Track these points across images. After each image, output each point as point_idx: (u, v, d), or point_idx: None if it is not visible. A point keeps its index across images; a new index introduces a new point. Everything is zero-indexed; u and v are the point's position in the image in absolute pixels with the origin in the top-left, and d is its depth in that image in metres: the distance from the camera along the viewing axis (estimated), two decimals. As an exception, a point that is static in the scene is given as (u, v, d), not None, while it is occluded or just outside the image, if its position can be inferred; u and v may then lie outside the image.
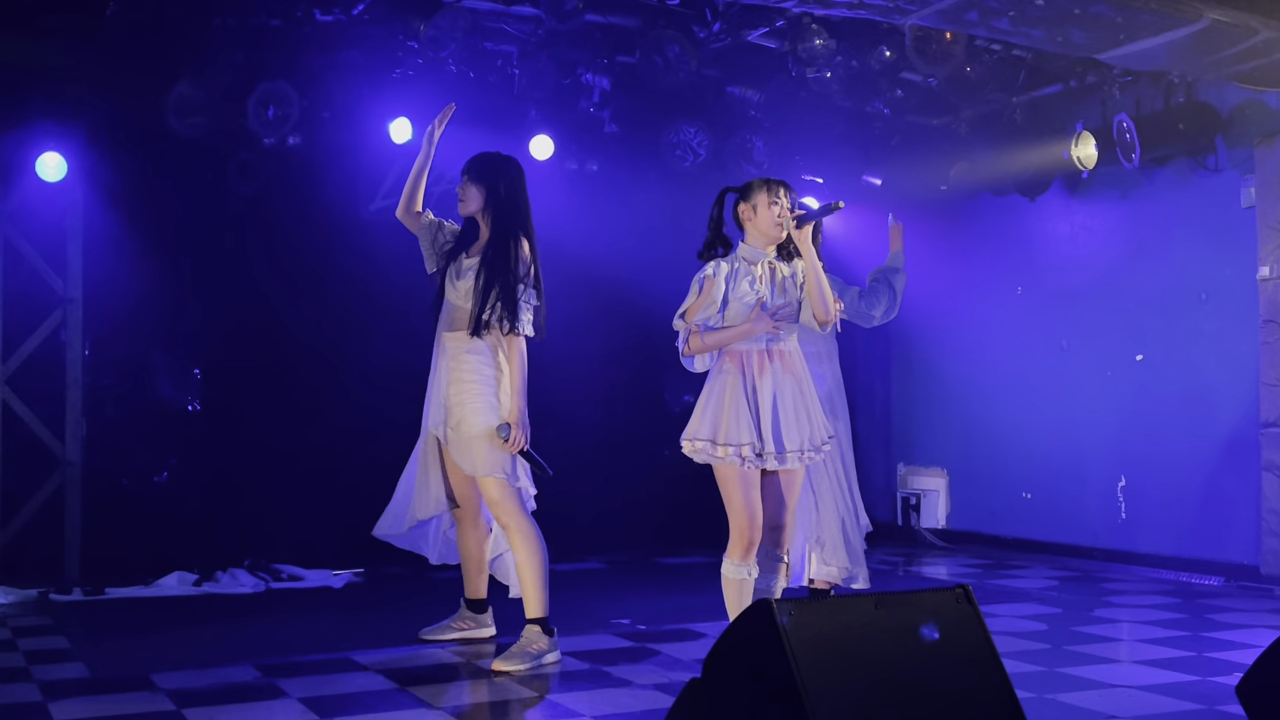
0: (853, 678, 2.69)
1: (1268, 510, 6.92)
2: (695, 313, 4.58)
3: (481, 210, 5.17)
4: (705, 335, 4.57)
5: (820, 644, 2.68)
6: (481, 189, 5.15)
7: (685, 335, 4.63)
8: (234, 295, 7.48)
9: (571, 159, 7.90)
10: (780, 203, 4.60)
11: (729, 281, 4.57)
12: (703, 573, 6.91)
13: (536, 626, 5.02)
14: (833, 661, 2.66)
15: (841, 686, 2.66)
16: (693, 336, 4.60)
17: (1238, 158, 7.27)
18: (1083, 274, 8.22)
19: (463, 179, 5.21)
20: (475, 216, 5.21)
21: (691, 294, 4.61)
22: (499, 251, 5.04)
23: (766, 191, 4.61)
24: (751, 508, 4.55)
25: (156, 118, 6.59)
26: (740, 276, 4.59)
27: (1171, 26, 5.81)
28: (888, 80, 7.54)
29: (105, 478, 7.21)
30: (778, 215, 4.59)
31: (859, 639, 2.77)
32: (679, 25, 6.92)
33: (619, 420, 8.49)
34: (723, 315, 4.59)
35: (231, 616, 6.24)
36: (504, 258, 5.02)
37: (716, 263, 4.61)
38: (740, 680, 2.77)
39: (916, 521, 9.29)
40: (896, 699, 2.75)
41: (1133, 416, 7.86)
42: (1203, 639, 5.54)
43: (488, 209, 5.15)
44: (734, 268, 4.60)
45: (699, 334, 4.58)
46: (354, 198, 7.67)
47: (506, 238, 5.05)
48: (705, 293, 4.57)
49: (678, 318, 4.63)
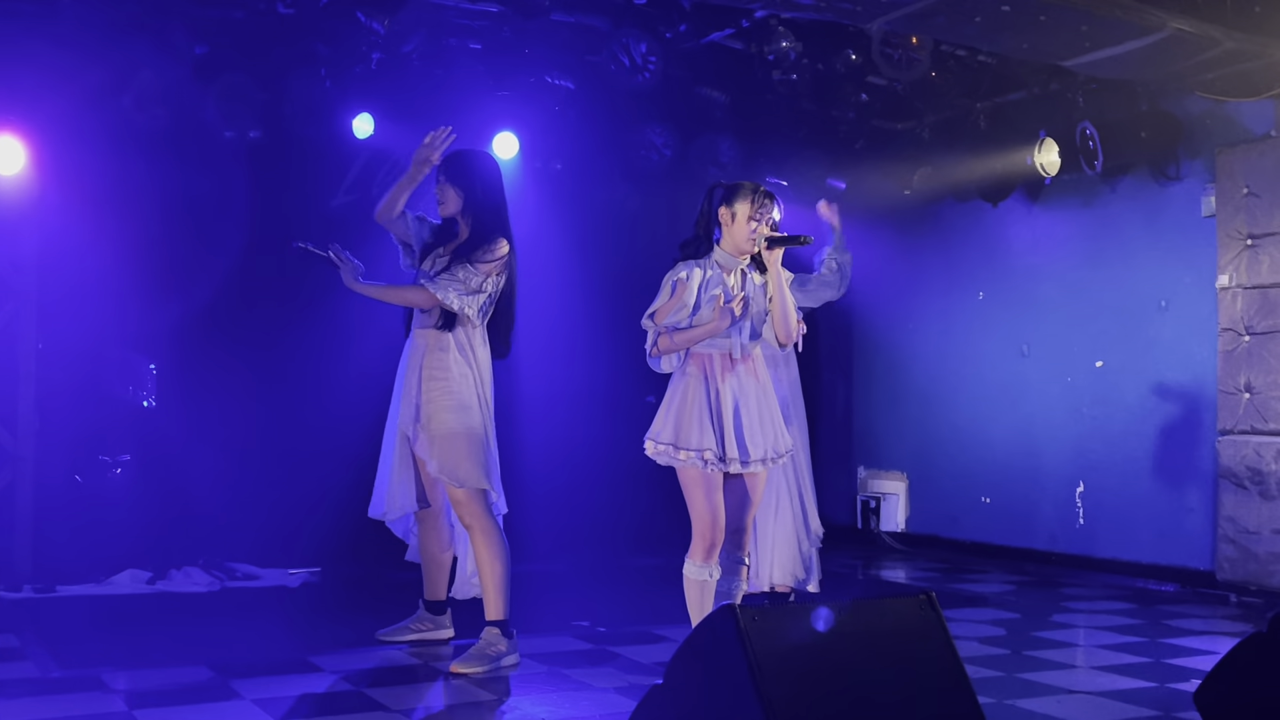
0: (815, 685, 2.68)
1: (1224, 517, 6.98)
2: (665, 314, 4.55)
3: (461, 212, 5.13)
4: (674, 335, 4.55)
5: (782, 651, 2.67)
6: (460, 191, 5.11)
7: (654, 336, 4.61)
8: (192, 290, 7.37)
9: (536, 157, 7.86)
10: (760, 221, 4.57)
11: (702, 288, 4.55)
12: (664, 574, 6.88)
13: (496, 629, 4.98)
14: (795, 669, 2.65)
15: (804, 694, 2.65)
16: (661, 337, 4.57)
17: (1199, 167, 7.32)
18: (1044, 280, 8.26)
19: (439, 179, 5.16)
20: (455, 217, 5.18)
21: (663, 295, 4.57)
22: (473, 248, 5.02)
23: (751, 204, 4.57)
24: (714, 510, 4.54)
25: (116, 109, 6.49)
26: (713, 284, 4.56)
27: (1135, 35, 5.85)
28: (853, 84, 7.55)
29: (57, 473, 7.09)
30: (753, 231, 4.57)
31: (822, 646, 2.76)
32: (646, 25, 6.90)
33: (582, 420, 8.44)
34: (693, 320, 4.56)
35: (185, 615, 6.15)
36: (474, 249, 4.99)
37: (690, 266, 4.57)
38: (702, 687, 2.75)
39: (876, 525, 9.31)
40: (859, 706, 2.74)
41: (1092, 423, 7.90)
42: (1160, 645, 5.58)
43: (467, 211, 5.12)
44: (707, 274, 4.58)
45: (667, 334, 4.56)
46: (316, 193, 7.59)
47: (484, 236, 5.04)
48: (677, 296, 4.53)
49: (646, 318, 4.60)
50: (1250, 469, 6.87)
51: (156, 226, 7.30)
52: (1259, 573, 6.81)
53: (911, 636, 2.87)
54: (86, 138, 6.85)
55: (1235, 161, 7.04)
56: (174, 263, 7.34)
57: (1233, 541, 6.92)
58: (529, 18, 6.49)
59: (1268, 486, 6.79)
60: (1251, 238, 6.94)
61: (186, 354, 7.41)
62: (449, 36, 6.95)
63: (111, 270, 7.12)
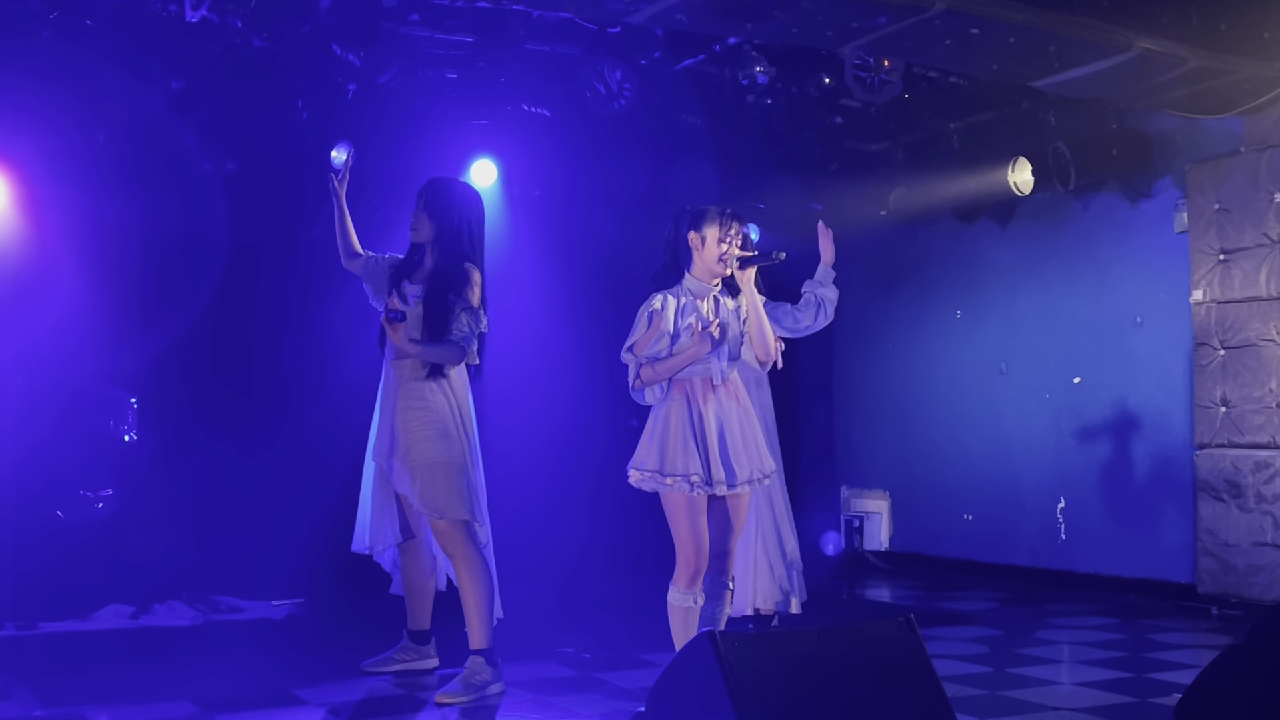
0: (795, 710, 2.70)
1: (1203, 530, 7.03)
2: (645, 345, 4.56)
3: (432, 240, 5.13)
4: (655, 365, 4.56)
5: (763, 677, 2.69)
6: (433, 220, 5.11)
7: (636, 369, 4.61)
8: (172, 324, 7.36)
9: (515, 184, 7.89)
10: (729, 242, 4.60)
11: (677, 316, 4.57)
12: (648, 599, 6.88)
13: (480, 658, 4.98)
14: (775, 694, 2.67)
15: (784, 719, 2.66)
16: (644, 368, 4.58)
17: (1170, 183, 7.40)
18: (1020, 298, 8.32)
19: (417, 204, 5.16)
20: (424, 245, 5.18)
21: (640, 326, 4.58)
22: (445, 277, 5.01)
23: (719, 227, 4.60)
24: (698, 536, 4.55)
25: (92, 142, 6.50)
26: (688, 311, 4.59)
27: (1104, 55, 5.92)
28: (827, 107, 7.61)
29: (39, 509, 7.06)
30: (723, 253, 4.60)
31: (803, 671, 2.77)
32: (620, 53, 6.94)
33: (565, 446, 8.44)
34: (672, 349, 4.58)
35: (169, 650, 6.13)
36: (450, 281, 4.99)
37: (664, 296, 4.59)
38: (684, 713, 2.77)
39: (860, 544, 9.34)
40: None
41: (1071, 438, 7.95)
42: (1142, 659, 5.61)
43: (437, 241, 5.11)
44: (681, 302, 4.60)
45: (649, 365, 4.57)
46: (294, 223, 7.59)
47: (453, 265, 5.02)
48: (655, 326, 4.54)
49: (626, 351, 4.60)
50: (1228, 482, 6.92)
51: (135, 260, 7.30)
52: (1239, 585, 6.86)
53: (891, 660, 2.89)
54: (63, 172, 6.85)
55: (1206, 177, 7.11)
56: (153, 296, 7.34)
57: (1212, 554, 6.97)
58: (504, 47, 6.52)
59: (1245, 499, 6.84)
60: (1224, 253, 7.01)
61: (167, 387, 7.40)
62: (425, 67, 6.98)
63: (90, 304, 7.10)
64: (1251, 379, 6.87)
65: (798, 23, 5.50)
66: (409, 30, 6.55)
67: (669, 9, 5.28)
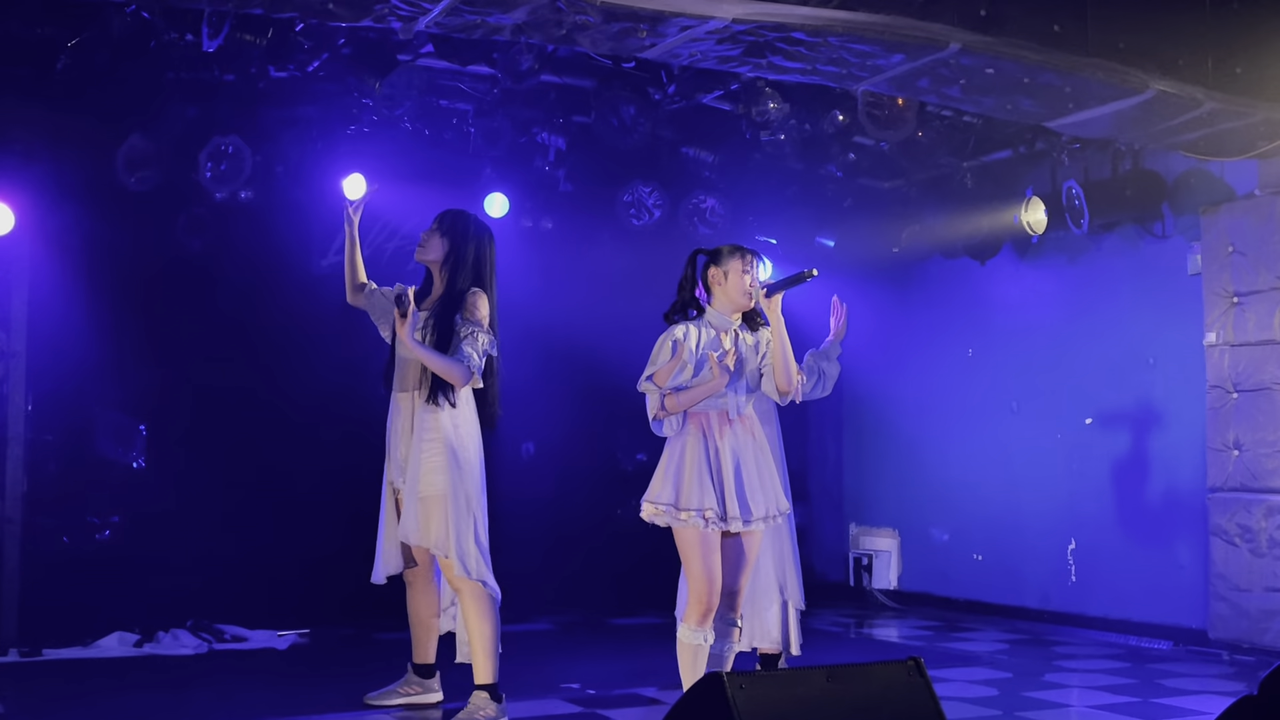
0: (804, 753, 2.67)
1: (1215, 574, 6.96)
2: (668, 375, 4.51)
3: (440, 263, 5.13)
4: (678, 396, 4.53)
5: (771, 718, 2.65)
6: (445, 242, 5.12)
7: (660, 399, 4.55)
8: (181, 352, 7.38)
9: (526, 216, 7.90)
10: (752, 273, 4.60)
11: (699, 348, 4.55)
12: (653, 634, 6.85)
13: (485, 693, 4.94)
14: (784, 737, 2.64)
15: (792, 762, 2.63)
16: (667, 399, 4.54)
17: (1184, 225, 7.38)
18: (1033, 337, 8.29)
19: (432, 225, 5.17)
20: (431, 268, 5.17)
21: (662, 355, 4.53)
22: (454, 300, 5.01)
23: (740, 259, 4.60)
24: (711, 572, 4.50)
25: (107, 171, 6.53)
26: (712, 345, 4.56)
27: (1118, 96, 5.91)
28: (840, 144, 7.62)
29: (46, 535, 7.05)
30: (748, 285, 4.59)
31: (811, 712, 2.74)
32: (634, 86, 6.97)
33: (571, 479, 8.42)
34: (692, 381, 4.55)
35: (173, 679, 6.10)
36: (459, 304, 4.99)
37: (686, 326, 4.58)
38: (690, 755, 2.73)
39: (869, 582, 9.28)
40: (848, 774, 2.72)
41: (1082, 480, 7.90)
42: (1152, 705, 5.55)
43: (446, 264, 5.11)
44: (702, 333, 4.58)
45: (672, 395, 4.54)
46: (306, 254, 7.61)
47: (462, 290, 5.02)
48: (678, 355, 4.49)
49: (645, 380, 4.55)
50: (1240, 526, 6.86)
51: (146, 287, 7.32)
52: (1251, 630, 6.79)
53: (900, 702, 2.85)
54: (76, 199, 6.88)
55: (1220, 220, 7.09)
56: (164, 324, 7.36)
57: (1224, 599, 6.91)
58: (518, 80, 6.55)
59: (1258, 544, 6.78)
60: (1238, 295, 6.98)
61: (176, 415, 7.41)
62: (440, 98, 7.01)
63: (101, 331, 7.12)
64: (1265, 422, 6.82)
65: (814, 60, 5.49)
66: (425, 61, 6.59)
67: (683, 44, 5.25)
